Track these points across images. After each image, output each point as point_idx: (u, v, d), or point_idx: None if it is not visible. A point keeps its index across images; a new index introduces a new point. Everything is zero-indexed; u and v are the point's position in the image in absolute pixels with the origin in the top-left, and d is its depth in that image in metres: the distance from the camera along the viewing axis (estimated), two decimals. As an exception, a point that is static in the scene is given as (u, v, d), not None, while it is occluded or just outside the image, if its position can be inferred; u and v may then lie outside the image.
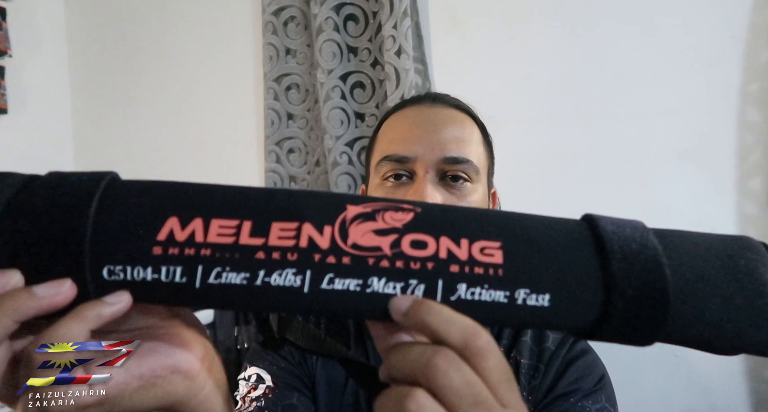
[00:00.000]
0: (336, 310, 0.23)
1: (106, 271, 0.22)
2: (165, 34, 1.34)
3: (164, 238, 0.23)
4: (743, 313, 0.23)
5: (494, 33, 1.02)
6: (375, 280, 0.22)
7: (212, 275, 0.22)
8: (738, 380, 0.90)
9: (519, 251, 0.23)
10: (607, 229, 0.24)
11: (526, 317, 0.23)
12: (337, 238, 0.23)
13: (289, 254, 0.23)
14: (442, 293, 0.23)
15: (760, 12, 0.86)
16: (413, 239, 0.23)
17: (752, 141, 0.89)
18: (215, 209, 0.23)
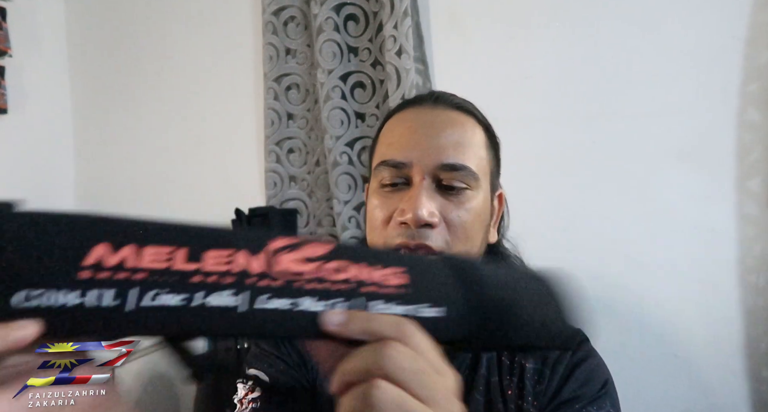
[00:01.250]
0: (268, 329, 0.24)
1: (23, 295, 0.21)
2: (165, 35, 1.34)
3: (92, 262, 0.22)
4: (549, 317, 0.32)
5: (495, 33, 1.02)
6: (304, 299, 0.25)
7: (148, 297, 0.22)
8: (738, 380, 0.90)
9: (419, 275, 0.29)
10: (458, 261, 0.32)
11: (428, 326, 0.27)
12: (268, 264, 0.25)
13: (224, 277, 0.23)
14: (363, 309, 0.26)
15: (760, 12, 0.86)
16: (335, 266, 0.27)
17: (752, 141, 0.89)
18: (147, 237, 0.23)
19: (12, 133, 1.24)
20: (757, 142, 0.89)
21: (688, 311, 0.92)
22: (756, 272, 0.89)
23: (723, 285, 0.90)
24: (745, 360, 0.89)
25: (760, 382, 0.89)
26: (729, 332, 0.90)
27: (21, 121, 1.26)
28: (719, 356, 0.91)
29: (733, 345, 0.90)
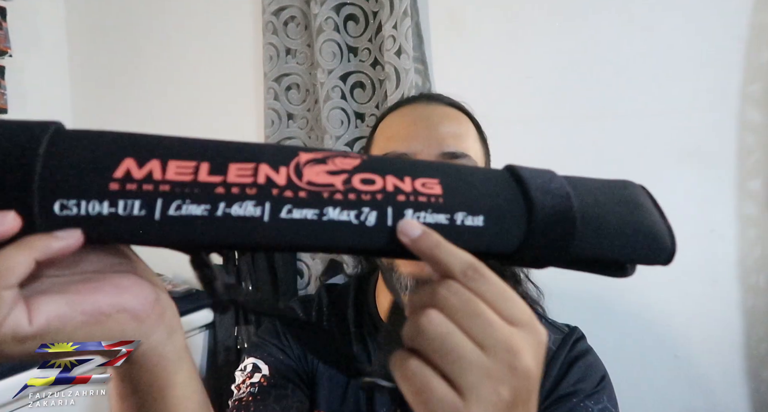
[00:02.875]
0: (295, 239, 0.24)
1: (58, 205, 0.22)
2: (165, 35, 1.34)
3: (121, 175, 0.23)
4: (629, 225, 0.29)
5: (494, 33, 1.02)
6: (330, 209, 0.24)
7: (172, 207, 0.22)
8: (738, 380, 0.90)
9: (455, 185, 0.27)
10: (525, 171, 0.29)
11: (464, 236, 0.26)
12: (292, 176, 0.25)
13: (248, 188, 0.23)
14: (392, 217, 0.25)
15: (760, 12, 0.86)
16: (362, 177, 0.26)
17: (753, 142, 0.89)
18: (172, 152, 0.24)
19: (12, 133, 1.24)
20: (758, 142, 0.89)
21: (688, 311, 0.92)
22: (756, 272, 0.89)
23: (723, 286, 0.90)
24: (745, 360, 0.89)
25: (760, 382, 0.89)
26: (729, 332, 0.90)
27: (21, 121, 1.26)
28: (719, 356, 0.91)
29: (733, 345, 0.90)
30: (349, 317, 0.61)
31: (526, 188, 0.28)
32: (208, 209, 0.23)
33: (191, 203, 0.23)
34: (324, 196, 0.24)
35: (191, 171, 0.23)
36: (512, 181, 0.29)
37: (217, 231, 0.23)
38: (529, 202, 0.27)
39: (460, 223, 0.26)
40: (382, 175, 0.26)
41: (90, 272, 0.26)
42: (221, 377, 1.08)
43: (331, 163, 0.26)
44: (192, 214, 0.23)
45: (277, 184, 0.24)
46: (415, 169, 0.27)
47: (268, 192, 0.24)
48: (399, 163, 0.28)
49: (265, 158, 0.25)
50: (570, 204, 0.28)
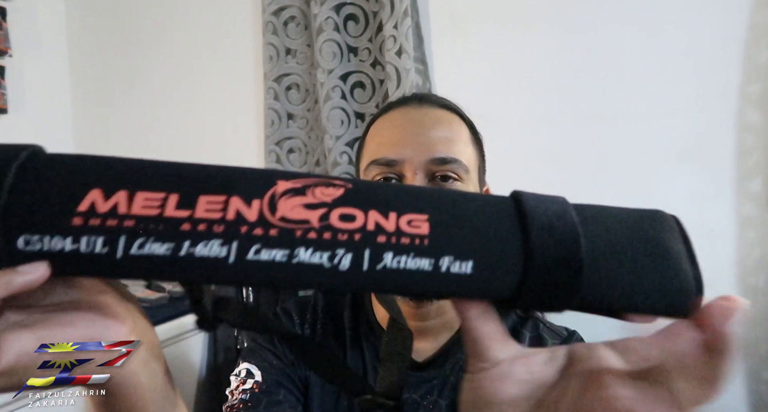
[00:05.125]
0: (261, 280, 0.23)
1: (22, 241, 0.22)
2: (165, 35, 1.34)
3: (85, 209, 0.22)
4: (649, 276, 0.25)
5: (495, 33, 1.02)
6: (302, 250, 0.23)
7: (135, 245, 0.22)
8: (738, 381, 0.90)
9: (445, 223, 0.24)
10: (530, 203, 0.26)
11: (449, 285, 0.24)
12: (265, 211, 0.23)
13: (216, 225, 0.22)
14: (368, 261, 0.23)
15: (760, 12, 0.86)
16: (342, 213, 0.24)
17: (752, 142, 0.89)
18: (142, 182, 0.23)
19: (12, 133, 1.24)
20: (758, 143, 0.89)
21: (687, 311, 0.92)
22: (755, 273, 0.89)
23: (722, 286, 0.90)
24: (745, 361, 0.89)
25: (760, 382, 0.89)
26: (729, 332, 0.90)
27: (21, 121, 1.26)
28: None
29: (732, 345, 0.90)
30: (346, 320, 0.61)
31: (527, 228, 0.25)
32: (171, 248, 0.22)
33: (154, 242, 0.22)
34: (296, 235, 0.23)
35: (158, 204, 0.23)
36: (514, 215, 0.26)
37: (180, 271, 0.22)
38: (528, 247, 0.24)
39: (446, 269, 0.24)
40: (364, 211, 0.24)
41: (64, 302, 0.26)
42: (221, 377, 1.08)
43: (310, 194, 0.24)
44: (154, 253, 0.22)
45: (247, 221, 0.23)
46: (402, 203, 0.25)
47: (237, 230, 0.22)
48: (387, 193, 0.25)
49: (238, 189, 0.23)
50: (577, 253, 0.24)
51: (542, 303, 0.25)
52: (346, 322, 0.61)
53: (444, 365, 0.57)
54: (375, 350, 0.59)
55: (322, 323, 0.61)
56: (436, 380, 0.56)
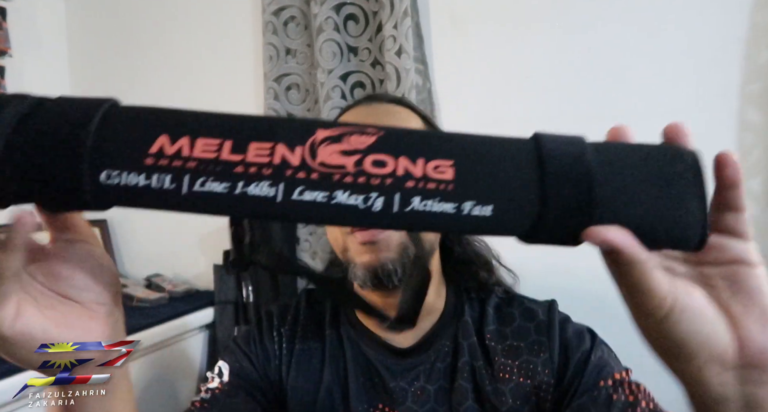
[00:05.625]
0: (304, 217, 0.26)
1: (105, 175, 0.25)
2: (165, 34, 1.34)
3: (155, 151, 0.26)
4: (659, 213, 0.27)
5: (495, 33, 1.02)
6: (339, 193, 0.26)
7: (197, 183, 0.25)
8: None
9: (468, 169, 0.27)
10: (548, 147, 0.28)
11: (470, 225, 0.27)
12: (306, 157, 0.26)
13: (264, 169, 0.26)
14: (398, 205, 0.26)
15: (760, 12, 0.86)
16: (375, 159, 0.27)
17: (752, 141, 0.89)
18: (201, 130, 0.27)
19: (12, 133, 1.24)
20: (757, 142, 0.89)
21: (688, 311, 0.92)
22: (756, 272, 0.89)
23: (723, 285, 0.90)
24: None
25: None
26: (729, 332, 0.90)
27: (21, 121, 1.26)
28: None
29: (732, 345, 0.90)
30: (326, 320, 0.62)
31: (544, 173, 0.27)
32: (227, 187, 0.25)
33: (214, 181, 0.25)
34: (334, 179, 0.26)
35: (215, 149, 0.26)
36: (534, 159, 0.27)
37: (235, 206, 0.26)
38: (543, 192, 0.27)
39: (467, 213, 0.26)
40: (395, 157, 0.27)
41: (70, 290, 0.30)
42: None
43: (346, 141, 0.27)
44: (214, 190, 0.25)
45: (292, 165, 0.26)
46: (430, 149, 0.27)
47: (282, 173, 0.26)
48: (416, 140, 0.28)
49: (283, 137, 0.27)
50: (592, 192, 0.26)
51: (553, 241, 0.28)
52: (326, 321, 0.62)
53: (429, 350, 0.58)
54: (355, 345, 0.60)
55: (303, 325, 0.63)
56: (422, 366, 0.57)
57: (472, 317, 0.60)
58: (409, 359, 0.58)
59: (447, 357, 0.57)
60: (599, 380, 0.53)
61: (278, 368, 0.60)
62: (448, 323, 0.59)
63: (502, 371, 0.56)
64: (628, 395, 0.51)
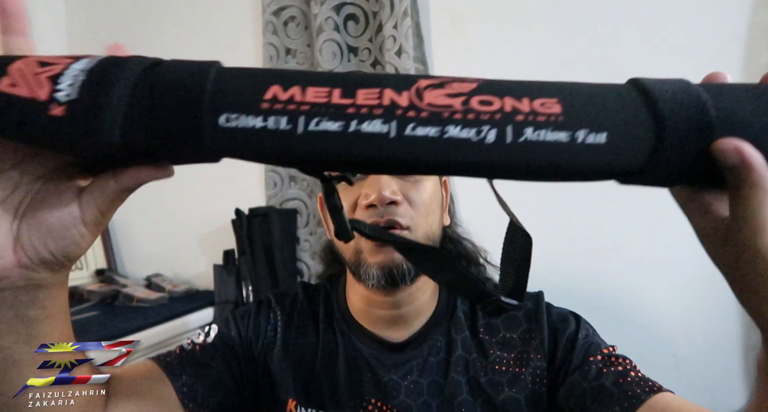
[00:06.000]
0: (418, 155, 0.26)
1: (224, 118, 0.26)
2: (165, 35, 1.34)
3: (270, 97, 0.27)
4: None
5: (495, 33, 1.02)
6: (451, 127, 0.26)
7: (312, 123, 0.26)
8: (738, 380, 0.90)
9: (575, 103, 0.27)
10: (650, 82, 0.28)
11: (585, 154, 0.26)
12: (413, 99, 0.27)
13: (375, 109, 0.26)
14: (512, 135, 0.26)
15: (760, 12, 0.86)
16: (480, 99, 0.27)
17: (752, 141, 0.89)
18: (310, 81, 0.28)
19: (12, 133, 1.24)
20: (757, 142, 0.89)
21: (688, 311, 0.92)
22: (756, 272, 0.89)
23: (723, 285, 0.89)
24: (745, 360, 0.89)
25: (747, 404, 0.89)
26: (729, 332, 0.90)
27: (21, 121, 1.26)
28: (719, 356, 0.91)
29: (733, 345, 0.90)
30: (320, 314, 0.64)
31: (654, 101, 0.27)
32: (341, 125, 0.26)
33: (328, 120, 0.26)
34: (444, 116, 0.26)
35: (326, 95, 0.27)
36: (637, 94, 0.27)
37: (350, 145, 0.26)
38: (657, 115, 0.26)
39: (581, 141, 0.26)
40: (500, 97, 0.27)
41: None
42: None
43: (449, 87, 0.27)
44: (328, 129, 0.26)
45: (401, 106, 0.26)
46: (533, 91, 0.27)
47: (393, 112, 0.26)
48: (516, 85, 0.28)
49: (389, 84, 0.27)
50: (707, 113, 0.26)
51: (674, 171, 0.27)
52: (320, 316, 0.64)
53: (422, 345, 0.59)
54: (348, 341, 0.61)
55: (299, 315, 0.64)
56: (415, 360, 0.58)
57: (464, 313, 0.61)
58: (403, 353, 0.59)
59: (440, 352, 0.59)
60: (588, 356, 0.55)
61: (266, 347, 0.61)
62: (441, 319, 0.61)
63: (498, 363, 0.57)
64: (617, 366, 0.53)
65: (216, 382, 0.56)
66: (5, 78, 0.26)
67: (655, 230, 0.92)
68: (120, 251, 1.43)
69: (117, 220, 1.42)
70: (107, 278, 1.31)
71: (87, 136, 0.26)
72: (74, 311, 1.09)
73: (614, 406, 0.49)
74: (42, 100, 0.25)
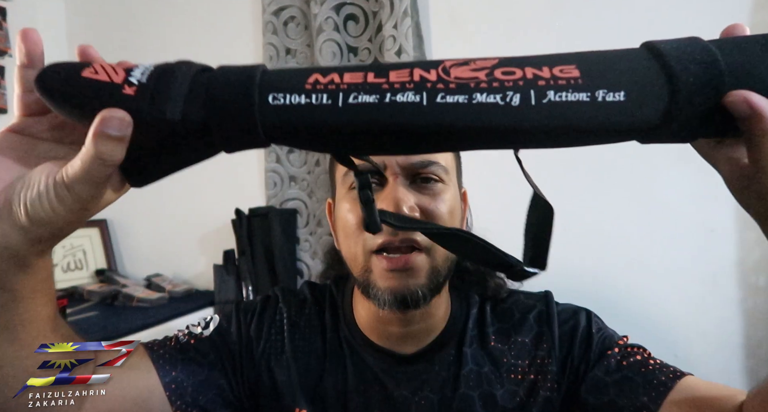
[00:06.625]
0: (450, 120, 0.29)
1: (271, 97, 0.29)
2: (165, 35, 1.34)
3: (312, 81, 0.30)
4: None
5: (494, 33, 1.02)
6: (478, 94, 0.29)
7: (351, 97, 0.29)
8: (738, 380, 0.90)
9: (592, 68, 0.29)
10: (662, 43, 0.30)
11: (606, 111, 0.28)
12: (441, 74, 0.30)
13: (407, 84, 0.29)
14: (535, 98, 0.28)
15: (760, 12, 0.86)
16: (503, 70, 0.30)
17: (752, 141, 0.89)
18: (346, 69, 0.31)
19: (12, 133, 1.24)
20: (757, 142, 0.89)
21: (688, 311, 0.92)
22: (756, 273, 0.89)
23: (723, 285, 0.90)
24: (745, 360, 0.89)
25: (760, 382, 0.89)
26: (729, 332, 0.90)
27: (21, 121, 1.26)
28: (719, 356, 0.91)
29: (733, 345, 0.90)
30: (327, 321, 0.61)
31: (666, 60, 0.28)
32: (377, 97, 0.29)
33: (365, 94, 0.29)
34: (471, 86, 0.29)
35: (362, 77, 0.30)
36: (650, 56, 0.29)
37: (386, 113, 0.29)
38: (669, 72, 0.28)
39: (602, 99, 0.28)
40: (521, 68, 0.30)
41: None
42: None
43: (473, 64, 0.31)
44: (366, 101, 0.29)
45: (430, 80, 0.29)
46: (551, 60, 0.31)
47: (424, 85, 0.29)
48: (534, 57, 0.31)
49: (417, 66, 0.30)
50: (717, 67, 0.28)
51: (690, 124, 0.29)
52: (327, 323, 0.61)
53: (433, 359, 0.57)
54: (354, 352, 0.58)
55: (307, 316, 0.61)
56: (426, 374, 0.56)
57: (474, 323, 0.59)
58: (412, 367, 0.57)
59: (451, 366, 0.57)
60: (605, 349, 0.54)
61: (271, 351, 0.59)
62: (452, 333, 0.59)
63: (513, 372, 0.56)
64: (636, 356, 0.53)
65: (207, 380, 0.54)
66: (87, 69, 0.30)
67: (656, 231, 0.92)
68: (120, 251, 1.43)
69: (117, 220, 1.42)
70: (107, 278, 1.31)
71: (153, 112, 0.29)
72: (74, 311, 1.09)
73: (641, 396, 0.49)
74: (118, 83, 0.29)
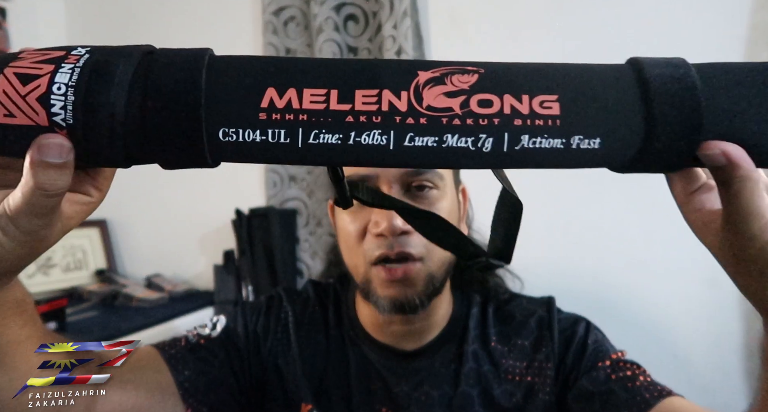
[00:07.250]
0: (417, 163, 0.27)
1: (221, 133, 0.26)
2: (165, 35, 1.34)
3: (266, 105, 0.26)
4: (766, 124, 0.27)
5: (495, 33, 1.02)
6: (449, 136, 0.27)
7: (311, 136, 0.26)
8: (738, 380, 0.90)
9: (573, 102, 0.27)
10: (648, 69, 0.30)
11: (578, 158, 0.27)
12: (413, 101, 0.27)
13: (374, 117, 0.26)
14: (507, 144, 0.27)
15: (760, 12, 0.86)
16: (480, 99, 0.27)
17: (752, 141, 0.89)
18: (305, 80, 0.27)
19: (12, 133, 1.24)
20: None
21: (688, 311, 0.92)
22: (756, 272, 0.89)
23: (723, 285, 0.90)
24: (745, 360, 0.89)
25: (760, 382, 0.89)
26: (729, 332, 0.90)
27: (21, 121, 1.26)
28: (719, 356, 0.91)
29: (733, 345, 0.90)
30: (330, 318, 0.62)
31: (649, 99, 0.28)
32: (340, 138, 0.26)
33: (327, 133, 0.26)
34: (443, 123, 0.26)
35: (323, 100, 0.27)
36: (635, 85, 0.29)
37: (350, 156, 0.27)
38: (650, 118, 0.27)
39: (576, 147, 0.27)
40: (499, 96, 0.27)
41: None
42: None
43: (449, 82, 0.27)
44: (328, 142, 0.26)
45: (400, 111, 0.27)
46: (533, 85, 0.28)
47: (392, 120, 0.26)
48: (518, 76, 0.28)
49: (386, 83, 0.27)
50: (698, 116, 0.27)
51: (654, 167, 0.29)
52: (330, 322, 0.62)
53: (434, 356, 0.58)
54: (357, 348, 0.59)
55: (311, 314, 0.62)
56: (426, 371, 0.57)
57: (476, 322, 0.60)
58: (414, 363, 0.58)
59: (451, 363, 0.57)
60: (597, 361, 0.55)
61: (277, 347, 0.60)
62: (454, 330, 0.60)
63: (511, 372, 0.57)
64: (626, 371, 0.53)
65: (217, 378, 0.55)
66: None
67: (656, 231, 0.92)
68: (120, 251, 1.43)
69: (117, 220, 1.42)
70: (107, 278, 1.31)
71: (91, 158, 0.26)
72: (74, 311, 1.09)
73: (623, 411, 0.49)
74: (46, 126, 0.25)
